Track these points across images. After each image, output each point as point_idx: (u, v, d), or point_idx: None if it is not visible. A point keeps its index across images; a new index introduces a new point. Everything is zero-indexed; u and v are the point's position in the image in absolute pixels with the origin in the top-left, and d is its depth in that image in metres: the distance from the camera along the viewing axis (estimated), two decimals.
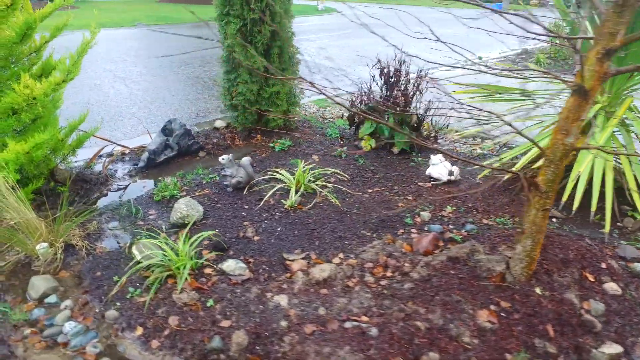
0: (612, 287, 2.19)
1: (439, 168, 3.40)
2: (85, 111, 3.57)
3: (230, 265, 2.41)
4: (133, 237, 2.88)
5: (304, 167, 3.49)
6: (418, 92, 4.06)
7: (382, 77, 4.17)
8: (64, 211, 2.81)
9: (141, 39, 11.92)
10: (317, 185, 3.41)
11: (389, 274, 2.32)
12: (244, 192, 3.43)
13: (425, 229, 2.83)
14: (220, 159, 3.40)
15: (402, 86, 4.08)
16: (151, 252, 2.50)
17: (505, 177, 3.07)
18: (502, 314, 1.98)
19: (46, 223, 2.68)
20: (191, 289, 2.27)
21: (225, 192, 3.46)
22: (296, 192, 3.31)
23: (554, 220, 2.94)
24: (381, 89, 4.17)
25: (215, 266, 2.48)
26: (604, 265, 2.29)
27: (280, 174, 3.56)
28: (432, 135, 4.24)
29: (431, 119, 4.20)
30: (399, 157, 4.04)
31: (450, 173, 3.37)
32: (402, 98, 4.06)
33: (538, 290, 2.05)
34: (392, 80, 4.12)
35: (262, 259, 2.57)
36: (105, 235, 2.94)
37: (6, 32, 2.83)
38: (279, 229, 2.91)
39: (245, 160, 3.47)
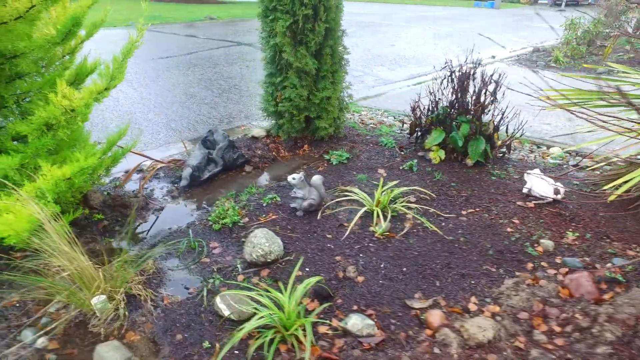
0: None
1: (542, 186, 2.96)
2: (99, 119, 3.00)
3: (356, 322, 1.90)
4: (204, 281, 2.34)
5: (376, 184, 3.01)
6: (493, 98, 3.62)
7: (452, 81, 3.70)
8: (116, 251, 2.26)
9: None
10: (401, 206, 2.94)
11: (556, 328, 1.86)
12: (318, 217, 2.92)
13: (557, 261, 2.39)
14: (290, 178, 2.88)
15: (476, 91, 3.62)
16: (245, 308, 1.98)
17: None
18: None
19: (104, 270, 2.11)
20: None
21: (294, 216, 2.94)
22: (383, 216, 2.82)
23: None
24: (455, 94, 3.70)
25: (329, 322, 1.98)
26: None
27: (354, 192, 3.07)
28: (507, 143, 3.81)
29: (506, 128, 3.77)
30: (474, 169, 3.60)
31: (557, 191, 2.94)
32: (477, 105, 3.62)
33: None
34: (464, 84, 3.65)
35: (383, 309, 2.07)
36: (167, 279, 2.39)
37: (43, 29, 2.24)
38: (382, 265, 2.41)
39: (317, 179, 2.96)
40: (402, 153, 3.95)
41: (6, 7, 2.12)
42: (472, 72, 3.64)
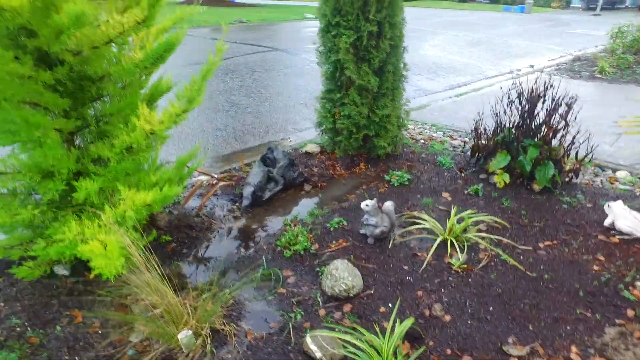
0: None
1: (629, 220, 2.81)
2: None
3: None
4: (285, 314, 2.27)
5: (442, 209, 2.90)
6: (566, 123, 3.46)
7: (521, 102, 3.56)
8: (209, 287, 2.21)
9: None
10: (473, 235, 2.83)
11: None
12: (389, 245, 2.83)
13: None
14: (363, 205, 2.79)
15: (548, 115, 3.48)
16: (337, 350, 1.90)
17: None
18: None
19: (190, 305, 2.06)
20: None
21: (365, 243, 2.86)
22: (460, 247, 2.72)
23: None
24: (522, 116, 3.56)
25: None
26: None
27: (423, 219, 2.97)
28: (575, 168, 3.65)
29: (576, 153, 3.61)
30: (542, 195, 3.46)
31: None
32: (547, 128, 3.48)
33: None
34: (533, 107, 3.51)
35: (480, 356, 1.97)
36: (245, 311, 2.33)
37: (130, 52, 2.20)
38: (467, 303, 2.31)
39: (389, 205, 2.88)
40: (463, 175, 3.83)
41: (97, 32, 2.08)
42: (542, 94, 3.50)
